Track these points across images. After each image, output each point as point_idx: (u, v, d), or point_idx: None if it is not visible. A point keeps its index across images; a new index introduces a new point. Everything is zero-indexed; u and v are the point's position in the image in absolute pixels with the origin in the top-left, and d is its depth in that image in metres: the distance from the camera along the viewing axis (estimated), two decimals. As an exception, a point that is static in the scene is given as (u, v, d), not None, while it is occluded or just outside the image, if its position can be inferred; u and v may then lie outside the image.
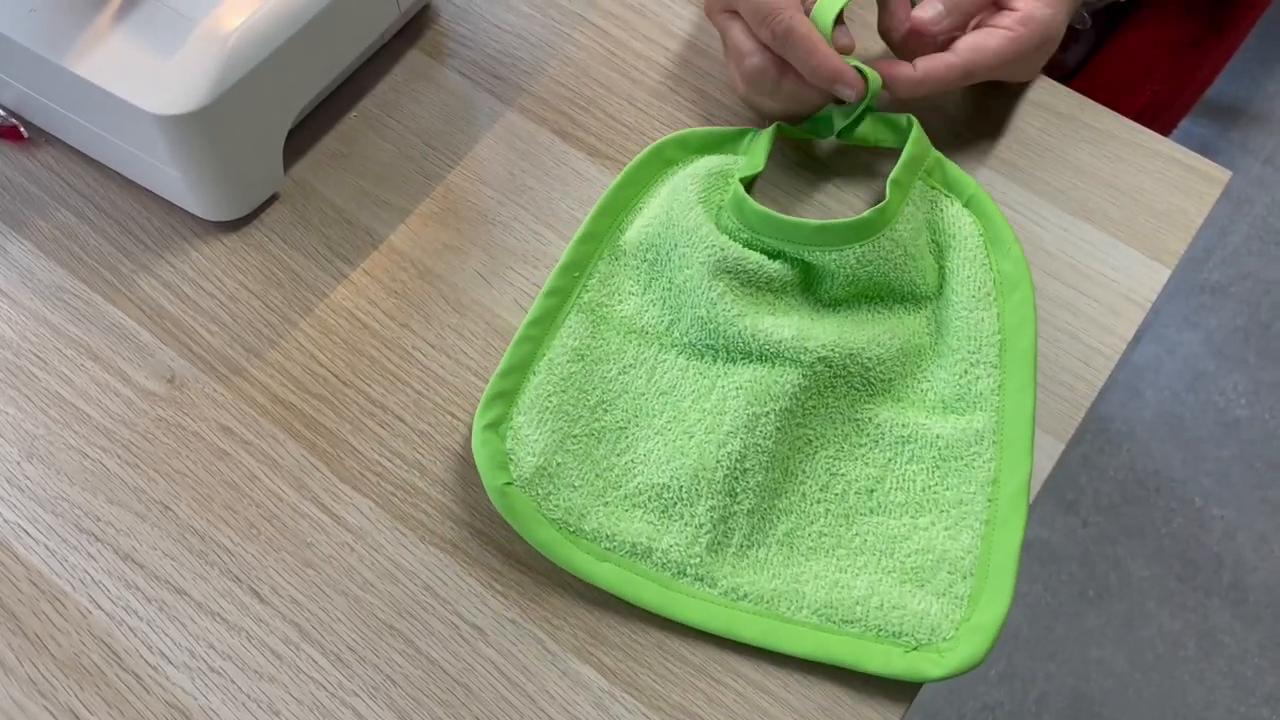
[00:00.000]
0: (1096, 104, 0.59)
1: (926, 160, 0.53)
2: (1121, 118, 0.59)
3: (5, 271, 0.54)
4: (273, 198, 0.56)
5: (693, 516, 0.48)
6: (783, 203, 0.56)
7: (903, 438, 0.50)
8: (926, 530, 0.48)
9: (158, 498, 0.49)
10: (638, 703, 0.45)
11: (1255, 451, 1.35)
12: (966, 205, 0.54)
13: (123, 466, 0.50)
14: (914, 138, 0.53)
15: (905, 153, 0.53)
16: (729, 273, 0.51)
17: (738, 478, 0.48)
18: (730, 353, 0.50)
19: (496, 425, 0.49)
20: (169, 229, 0.55)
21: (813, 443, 0.50)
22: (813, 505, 0.49)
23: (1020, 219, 0.56)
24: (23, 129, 0.57)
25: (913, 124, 0.54)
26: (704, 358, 0.51)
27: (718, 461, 0.48)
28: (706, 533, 0.47)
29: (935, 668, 0.45)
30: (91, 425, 0.51)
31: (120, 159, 0.55)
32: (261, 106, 0.52)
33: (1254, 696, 1.22)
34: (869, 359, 0.50)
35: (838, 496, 0.49)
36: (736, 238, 0.52)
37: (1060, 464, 0.51)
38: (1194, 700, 1.22)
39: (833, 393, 0.50)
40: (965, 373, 0.50)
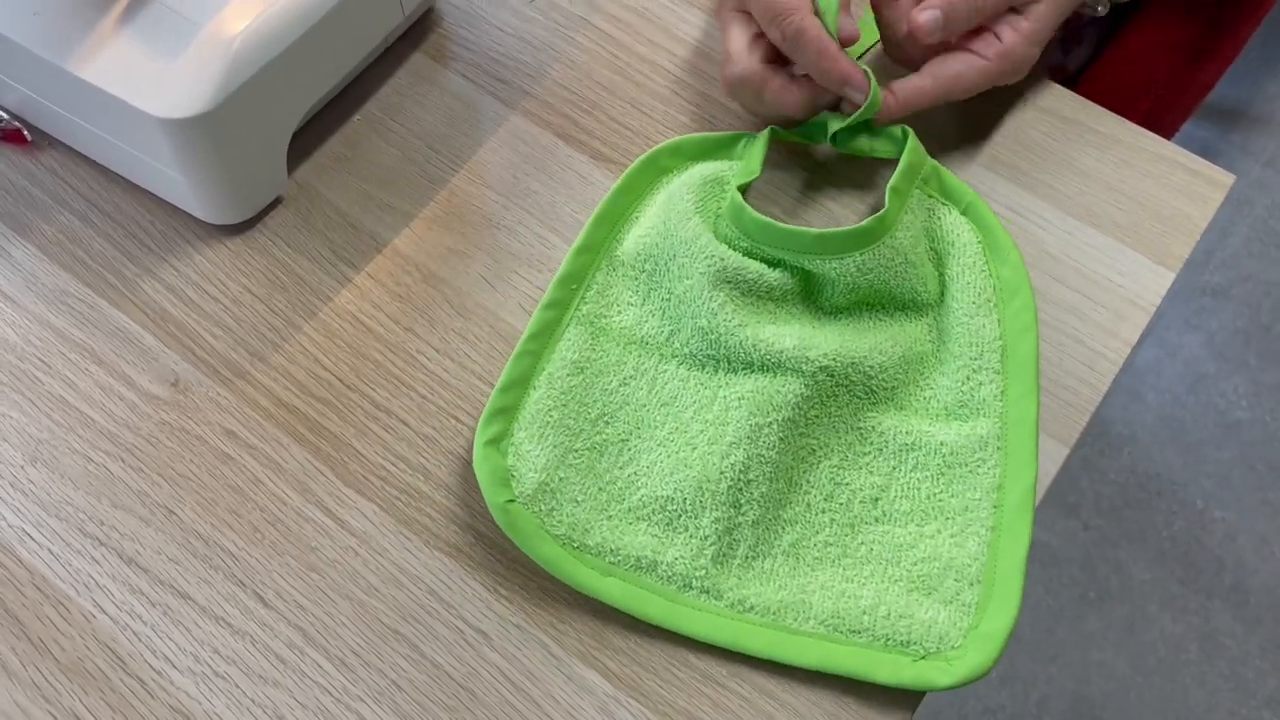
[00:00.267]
0: (1100, 108, 0.59)
1: (923, 169, 0.53)
2: (1125, 121, 0.59)
3: (9, 275, 0.54)
4: (276, 201, 0.56)
5: (697, 529, 0.47)
6: (780, 208, 0.56)
7: (907, 445, 0.49)
8: (932, 538, 0.48)
9: (162, 502, 0.49)
10: (643, 708, 0.45)
11: (1256, 454, 1.35)
12: (964, 213, 0.54)
13: (127, 470, 0.50)
14: (910, 147, 0.53)
15: (902, 161, 0.52)
16: (729, 282, 0.51)
17: (742, 489, 0.48)
18: (732, 363, 0.50)
19: (497, 441, 0.48)
20: (173, 232, 0.55)
21: (816, 452, 0.50)
22: (817, 515, 0.49)
23: (1024, 223, 0.56)
24: (26, 132, 0.57)
25: (908, 134, 0.54)
26: (705, 368, 0.51)
27: (721, 473, 0.48)
28: (711, 545, 0.47)
29: (944, 676, 0.45)
30: (95, 429, 0.50)
31: (124, 162, 0.55)
32: (266, 110, 0.52)
33: (1255, 699, 1.22)
34: (871, 367, 0.50)
35: (842, 506, 0.49)
36: (736, 246, 0.52)
37: (1063, 467, 0.51)
38: (1195, 703, 1.22)
39: (835, 401, 0.50)
40: (967, 379, 0.50)
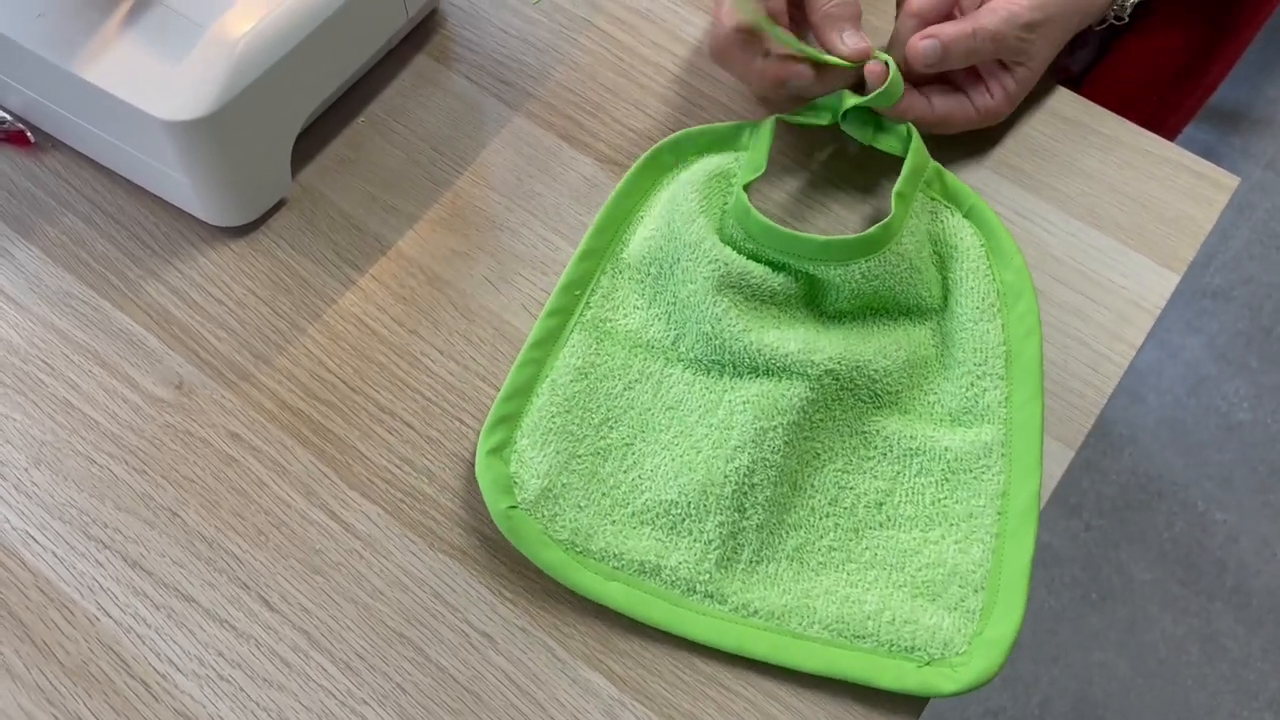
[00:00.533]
0: (1104, 110, 0.59)
1: (926, 170, 0.53)
2: (1129, 124, 0.59)
3: (13, 277, 0.54)
4: (280, 203, 0.56)
5: (701, 533, 0.47)
6: (783, 207, 0.56)
7: (911, 450, 0.49)
8: (937, 544, 0.48)
9: (166, 504, 0.49)
10: (648, 710, 0.45)
11: (1257, 455, 1.35)
12: (967, 216, 0.53)
13: (130, 473, 0.50)
14: (915, 148, 0.53)
15: (907, 164, 0.52)
16: (732, 287, 0.50)
17: (746, 493, 0.48)
18: (737, 367, 0.50)
19: (500, 449, 0.48)
20: (176, 234, 0.55)
21: (821, 456, 0.49)
22: (822, 519, 0.48)
23: (1029, 225, 0.56)
24: (30, 134, 0.57)
25: (912, 133, 0.53)
26: (710, 373, 0.51)
27: (725, 476, 0.48)
28: (715, 549, 0.47)
29: (949, 683, 0.45)
30: (99, 431, 0.50)
31: (128, 164, 0.55)
32: (270, 112, 0.52)
33: (1257, 701, 1.22)
34: (876, 371, 0.50)
35: (847, 510, 0.49)
36: (740, 248, 0.51)
37: (1067, 470, 0.51)
38: (1197, 704, 1.22)
39: (840, 405, 0.50)
40: (972, 385, 0.50)
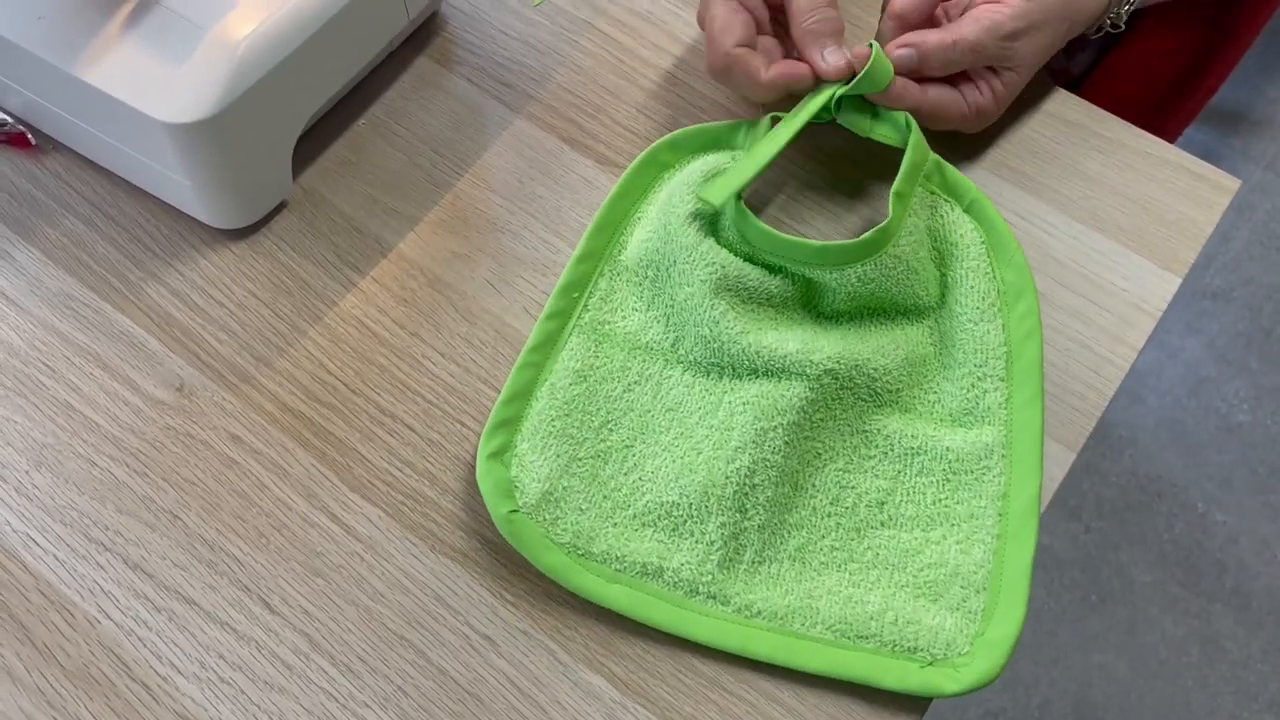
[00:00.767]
0: (1105, 112, 0.59)
1: (926, 165, 0.52)
2: (1130, 126, 0.59)
3: (13, 279, 0.54)
4: (281, 205, 0.56)
5: (703, 534, 0.47)
6: (779, 206, 0.56)
7: (912, 449, 0.49)
8: (938, 544, 0.48)
9: (167, 507, 0.49)
10: (650, 714, 0.45)
11: (1257, 457, 1.35)
12: (967, 210, 0.53)
13: (131, 475, 0.50)
14: (913, 143, 0.52)
15: (906, 161, 0.51)
16: (730, 289, 0.50)
17: (747, 493, 0.48)
18: (736, 369, 0.50)
19: (500, 454, 0.48)
20: (177, 237, 0.55)
21: (822, 456, 0.49)
22: (823, 519, 0.48)
23: (1030, 228, 0.56)
24: (31, 136, 0.57)
25: (911, 125, 0.52)
26: (710, 374, 0.50)
27: (727, 477, 0.48)
28: (718, 550, 0.47)
29: (951, 683, 0.45)
30: (100, 434, 0.50)
31: (129, 166, 0.55)
32: (271, 114, 0.52)
33: (1257, 702, 1.22)
34: (875, 369, 0.50)
35: (848, 510, 0.49)
36: (737, 251, 0.51)
37: (1069, 472, 0.51)
38: (1197, 706, 1.22)
39: (840, 404, 0.50)
40: (972, 387, 0.50)
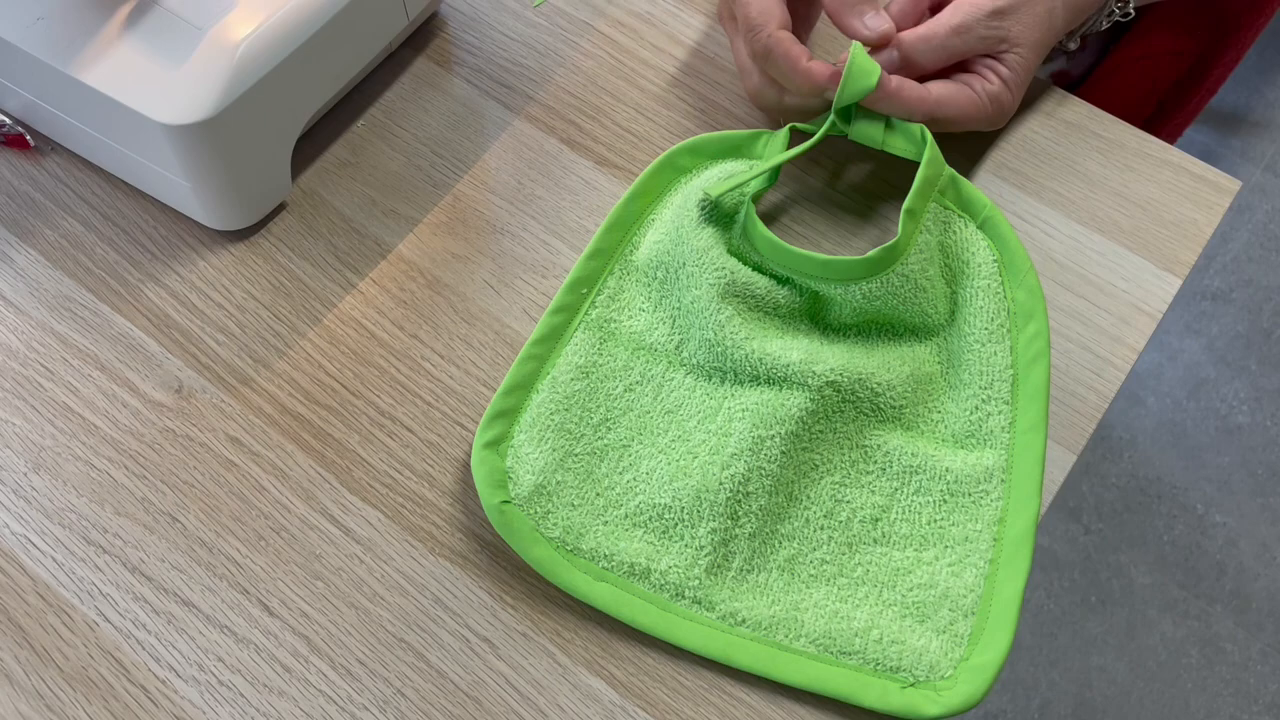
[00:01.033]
0: (1105, 113, 0.59)
1: (940, 180, 0.52)
2: (1130, 127, 0.59)
3: (12, 281, 0.54)
4: (280, 207, 0.56)
5: (693, 538, 0.47)
6: (791, 216, 0.56)
7: (911, 467, 0.49)
8: (930, 565, 0.47)
9: (165, 509, 0.49)
10: (649, 717, 0.45)
11: (1257, 458, 1.35)
12: (981, 227, 0.52)
13: (130, 477, 0.49)
14: (928, 159, 0.51)
15: (919, 176, 0.50)
16: (736, 296, 0.50)
17: (740, 500, 0.47)
18: (738, 375, 0.50)
19: (497, 444, 0.48)
20: (176, 238, 0.55)
21: (819, 468, 0.49)
22: (816, 531, 0.48)
23: (1030, 229, 0.56)
24: (29, 137, 0.57)
25: (926, 138, 0.52)
26: (712, 379, 0.50)
27: (721, 483, 0.47)
28: (706, 555, 0.47)
29: (932, 705, 0.44)
30: (99, 436, 0.50)
31: (127, 168, 0.55)
32: (270, 115, 0.52)
33: (1257, 704, 1.22)
34: (878, 384, 0.49)
35: (842, 524, 0.48)
36: (746, 259, 0.51)
37: (1069, 474, 0.50)
38: (1196, 708, 1.22)
39: (841, 417, 0.49)
40: (976, 409, 0.50)
